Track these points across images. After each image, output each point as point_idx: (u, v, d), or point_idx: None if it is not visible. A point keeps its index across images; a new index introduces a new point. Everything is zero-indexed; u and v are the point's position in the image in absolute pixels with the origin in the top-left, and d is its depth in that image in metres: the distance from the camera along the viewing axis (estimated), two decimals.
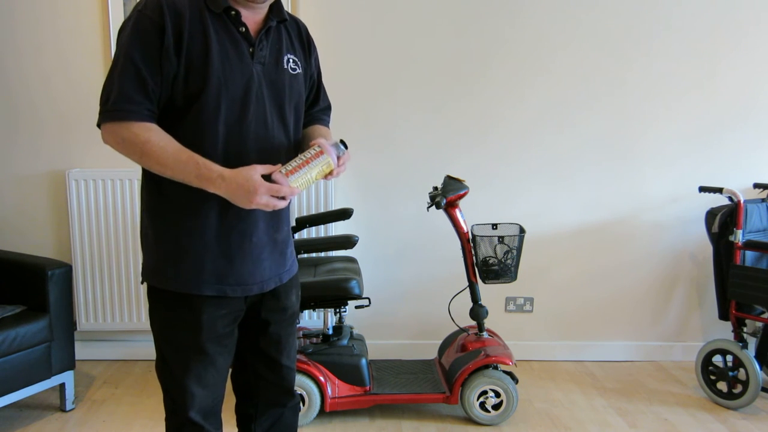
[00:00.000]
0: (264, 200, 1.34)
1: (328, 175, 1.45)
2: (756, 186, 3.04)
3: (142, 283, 1.55)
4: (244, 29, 1.44)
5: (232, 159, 1.42)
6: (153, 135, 1.35)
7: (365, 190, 3.09)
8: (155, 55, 1.35)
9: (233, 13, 1.42)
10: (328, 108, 1.75)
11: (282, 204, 1.37)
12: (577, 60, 3.01)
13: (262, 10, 1.47)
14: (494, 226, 2.62)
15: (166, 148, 1.34)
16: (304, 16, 2.93)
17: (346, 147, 1.49)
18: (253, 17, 1.46)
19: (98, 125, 1.38)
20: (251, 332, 1.60)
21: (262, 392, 1.66)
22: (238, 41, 1.43)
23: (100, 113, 1.37)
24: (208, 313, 1.47)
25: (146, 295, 1.56)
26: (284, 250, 1.59)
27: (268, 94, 1.47)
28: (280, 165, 1.39)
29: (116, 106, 1.34)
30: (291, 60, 1.53)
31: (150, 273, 1.49)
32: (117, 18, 2.90)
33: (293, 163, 1.40)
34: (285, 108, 1.50)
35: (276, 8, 1.50)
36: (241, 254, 1.48)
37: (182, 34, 1.36)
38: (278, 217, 1.54)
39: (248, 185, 1.32)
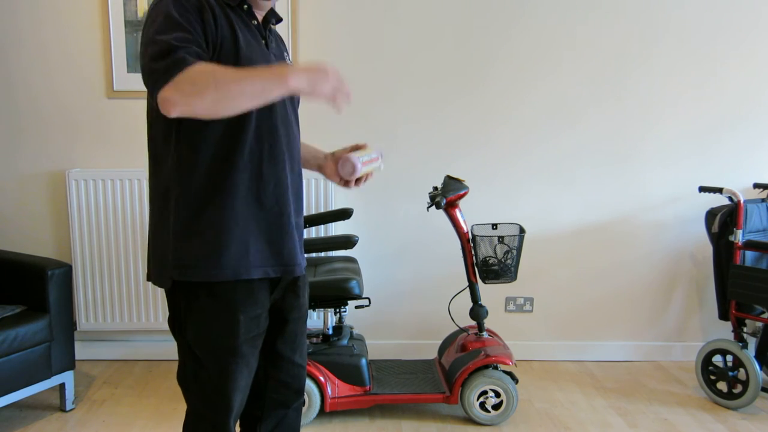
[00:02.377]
0: (335, 76, 1.30)
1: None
2: (756, 186, 3.04)
3: (172, 284, 1.45)
4: (256, 22, 1.49)
5: (265, 147, 1.45)
6: (214, 66, 1.29)
7: (365, 190, 3.09)
8: (200, 26, 1.34)
9: (246, 7, 1.47)
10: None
11: (345, 98, 1.34)
12: (578, 61, 3.01)
13: (266, 9, 1.53)
14: (494, 226, 2.62)
15: (232, 70, 1.28)
16: (304, 17, 2.93)
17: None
18: (259, 14, 1.52)
19: (157, 90, 1.27)
20: (269, 333, 1.59)
21: (270, 393, 1.65)
22: (255, 32, 1.48)
23: (159, 75, 1.27)
24: (245, 314, 1.46)
25: (169, 299, 1.49)
26: (302, 236, 1.62)
27: None
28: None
29: (176, 56, 1.26)
30: (288, 57, 1.63)
31: (185, 269, 1.42)
32: (117, 18, 2.90)
33: (365, 158, 1.60)
34: (294, 97, 1.57)
35: (273, 10, 1.57)
36: (279, 235, 1.48)
37: (216, 17, 1.37)
38: (300, 201, 1.58)
39: (320, 65, 1.29)
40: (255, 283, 1.47)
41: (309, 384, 2.47)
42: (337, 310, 2.60)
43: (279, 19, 1.58)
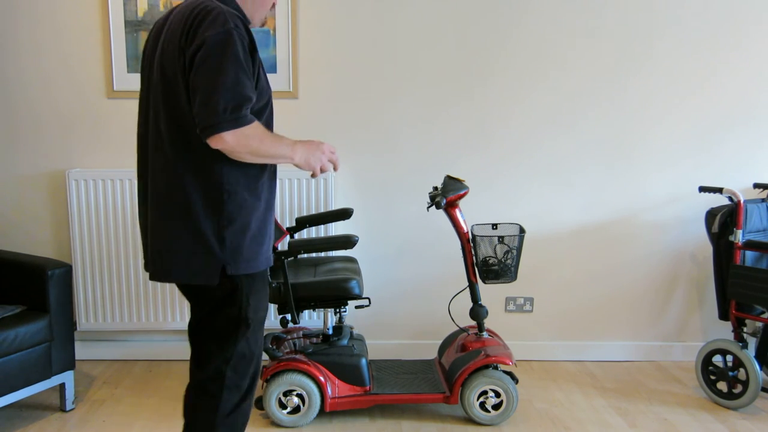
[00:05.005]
0: (327, 150, 1.72)
1: None
2: (756, 186, 3.04)
3: (226, 276, 1.63)
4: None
5: None
6: (263, 129, 1.59)
7: (365, 190, 3.09)
8: (254, 71, 1.58)
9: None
10: None
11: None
12: (578, 61, 3.01)
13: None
14: (494, 226, 2.62)
15: (269, 135, 1.60)
16: (304, 18, 2.93)
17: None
18: None
19: (220, 130, 1.50)
20: None
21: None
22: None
23: (226, 121, 1.50)
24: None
25: (211, 291, 1.68)
26: None
27: None
28: None
29: (245, 113, 1.53)
30: None
31: (239, 263, 1.64)
32: (117, 18, 2.90)
33: None
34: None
35: None
36: (273, 228, 1.80)
37: (256, 51, 1.60)
38: None
39: (316, 142, 1.71)
40: None
41: (309, 384, 2.47)
42: (337, 310, 2.60)
43: None
